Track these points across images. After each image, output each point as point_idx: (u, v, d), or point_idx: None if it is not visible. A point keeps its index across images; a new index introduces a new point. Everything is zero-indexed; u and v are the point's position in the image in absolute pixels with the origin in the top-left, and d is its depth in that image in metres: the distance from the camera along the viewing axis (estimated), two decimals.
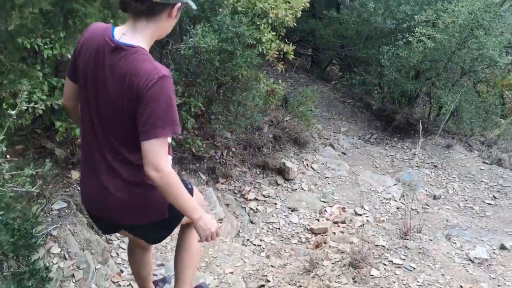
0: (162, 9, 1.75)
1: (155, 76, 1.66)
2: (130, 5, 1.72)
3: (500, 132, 7.93)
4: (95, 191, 1.93)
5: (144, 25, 1.75)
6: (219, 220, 4.10)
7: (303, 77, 9.77)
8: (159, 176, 1.69)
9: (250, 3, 4.31)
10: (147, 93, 1.66)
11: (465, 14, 6.13)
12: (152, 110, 1.66)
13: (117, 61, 1.71)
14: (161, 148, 1.69)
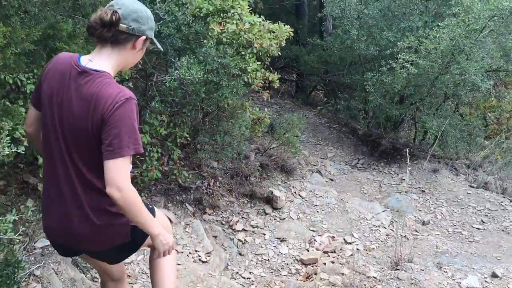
0: (127, 38, 1.85)
1: (121, 99, 1.74)
2: (96, 30, 1.81)
3: (485, 155, 8.01)
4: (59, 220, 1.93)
5: (109, 52, 1.85)
6: (207, 254, 4.02)
7: (288, 102, 9.82)
8: (121, 196, 1.73)
9: (235, 34, 4.32)
10: (112, 115, 1.73)
11: (447, 40, 6.24)
12: (119, 131, 1.73)
13: (83, 84, 1.78)
14: (125, 168, 1.75)
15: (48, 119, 1.85)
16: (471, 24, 6.15)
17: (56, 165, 1.87)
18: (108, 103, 1.73)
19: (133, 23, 1.85)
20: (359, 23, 7.54)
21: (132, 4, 1.86)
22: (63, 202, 1.88)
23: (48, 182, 1.94)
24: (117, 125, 1.73)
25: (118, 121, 1.73)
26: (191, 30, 4.04)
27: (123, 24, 1.82)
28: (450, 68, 6.47)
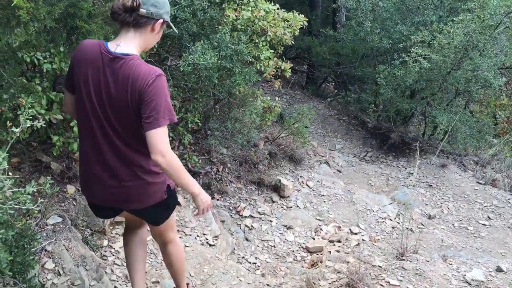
0: (146, 22, 2.06)
1: (153, 76, 1.98)
2: (120, 15, 2.03)
3: (494, 152, 7.99)
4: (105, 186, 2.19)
5: (133, 35, 2.07)
6: (215, 237, 4.07)
7: (298, 93, 9.82)
8: (165, 160, 1.97)
9: (250, 21, 4.35)
10: (147, 91, 1.96)
11: (461, 35, 6.21)
12: (155, 104, 1.96)
13: (118, 68, 2.01)
14: (165, 136, 1.99)
15: (86, 102, 2.08)
16: (486, 20, 6.11)
17: (99, 139, 2.11)
18: (143, 81, 1.96)
19: (151, 7, 2.04)
20: (373, 15, 7.52)
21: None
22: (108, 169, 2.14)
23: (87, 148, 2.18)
24: (153, 99, 1.96)
25: (153, 96, 1.97)
26: (206, 15, 4.06)
27: (143, 9, 2.02)
28: (463, 64, 6.44)
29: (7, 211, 1.65)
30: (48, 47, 3.04)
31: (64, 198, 3.62)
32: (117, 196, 2.22)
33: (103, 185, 2.20)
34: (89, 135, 2.14)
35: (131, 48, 2.05)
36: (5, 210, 1.63)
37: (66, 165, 3.78)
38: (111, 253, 3.56)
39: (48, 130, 3.55)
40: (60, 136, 3.40)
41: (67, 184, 3.70)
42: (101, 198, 2.28)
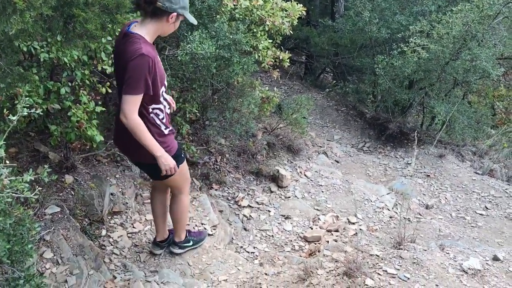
0: (162, 13, 2.55)
1: (136, 54, 2.45)
2: (140, 5, 2.55)
3: (491, 143, 8.00)
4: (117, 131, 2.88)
5: (148, 21, 2.59)
6: (213, 227, 4.08)
7: (297, 84, 9.80)
8: (127, 122, 2.53)
9: (248, 10, 4.32)
10: (128, 65, 2.47)
11: (459, 25, 6.19)
12: (129, 76, 2.48)
13: (124, 43, 2.55)
14: (131, 102, 2.50)
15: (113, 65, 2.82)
16: (485, 10, 6.10)
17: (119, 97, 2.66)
18: (128, 56, 2.47)
19: (166, 2, 2.52)
20: (371, 5, 7.49)
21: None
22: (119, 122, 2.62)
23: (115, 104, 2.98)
24: (129, 72, 2.48)
25: (130, 70, 2.47)
26: (204, 4, 4.04)
27: (159, 2, 2.50)
28: (461, 54, 6.43)
29: (4, 199, 1.65)
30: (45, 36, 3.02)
31: (63, 188, 3.62)
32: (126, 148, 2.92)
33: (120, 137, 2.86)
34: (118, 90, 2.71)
35: (142, 31, 2.57)
36: (2, 198, 1.63)
37: (64, 155, 3.78)
38: (109, 242, 3.57)
39: (46, 120, 3.55)
40: (58, 126, 3.39)
41: (65, 174, 3.70)
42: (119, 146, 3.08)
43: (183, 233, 3.49)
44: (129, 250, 3.58)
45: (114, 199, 3.83)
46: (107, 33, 3.23)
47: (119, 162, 4.19)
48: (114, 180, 3.99)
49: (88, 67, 3.40)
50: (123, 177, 4.07)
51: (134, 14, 3.55)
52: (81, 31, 2.43)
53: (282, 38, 4.97)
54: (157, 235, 3.49)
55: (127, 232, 3.72)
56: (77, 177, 3.75)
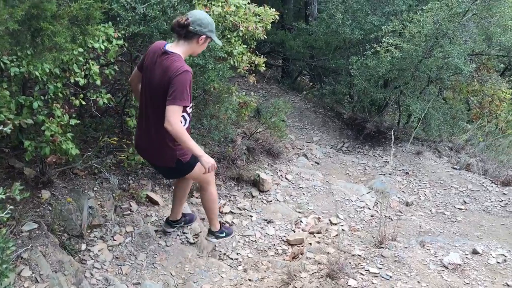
0: (193, 36, 3.06)
1: (180, 70, 2.93)
2: (175, 29, 3.05)
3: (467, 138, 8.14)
4: (143, 141, 3.30)
5: (182, 43, 3.09)
6: (195, 235, 4.05)
7: (274, 87, 9.83)
8: (173, 129, 2.89)
9: (220, 17, 4.32)
10: (173, 79, 2.91)
11: (430, 24, 6.30)
12: (175, 89, 2.90)
13: (163, 60, 3.02)
14: (176, 112, 2.90)
15: (145, 81, 3.16)
16: (454, 8, 6.21)
17: (146, 108, 3.16)
18: (173, 72, 2.93)
19: (197, 27, 3.02)
20: (344, 7, 7.56)
21: (198, 14, 3.07)
22: (147, 128, 3.17)
23: (140, 117, 3.29)
24: (175, 85, 2.90)
25: (176, 83, 2.90)
26: (176, 12, 4.02)
27: (191, 27, 3.01)
28: (434, 52, 6.54)
29: None
30: (15, 50, 2.97)
31: (39, 203, 3.56)
32: (148, 152, 3.34)
33: (144, 142, 3.29)
34: (141, 103, 3.26)
35: (177, 50, 3.06)
36: None
37: (40, 170, 3.72)
38: (90, 256, 3.52)
39: (19, 135, 3.49)
40: (32, 141, 3.34)
41: (41, 189, 3.64)
42: (141, 151, 3.44)
43: (217, 222, 3.85)
44: (110, 263, 3.53)
45: (93, 212, 3.78)
46: (78, 45, 3.20)
47: (97, 174, 4.14)
48: (92, 193, 3.93)
49: (61, 79, 3.36)
50: (101, 190, 4.02)
51: (106, 24, 3.53)
52: (50, 44, 2.39)
53: (256, 42, 4.99)
54: (171, 214, 3.89)
55: (107, 245, 3.67)
56: (54, 192, 3.69)
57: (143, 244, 3.76)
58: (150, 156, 3.38)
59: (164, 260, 3.62)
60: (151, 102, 3.10)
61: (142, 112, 3.23)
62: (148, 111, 3.14)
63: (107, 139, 4.01)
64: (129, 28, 3.79)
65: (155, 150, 3.21)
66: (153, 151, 3.27)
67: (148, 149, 3.30)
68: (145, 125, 3.20)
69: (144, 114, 3.21)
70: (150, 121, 3.15)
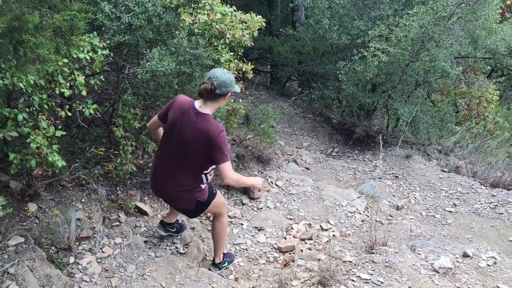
0: (220, 96, 3.26)
1: (219, 131, 3.19)
2: (204, 95, 3.21)
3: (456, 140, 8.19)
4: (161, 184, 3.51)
5: (210, 103, 3.28)
6: (185, 245, 4.02)
7: (263, 94, 9.84)
8: (233, 181, 3.30)
9: (207, 24, 4.31)
10: (216, 140, 3.17)
11: (416, 28, 6.34)
12: (221, 148, 3.17)
13: (198, 121, 3.23)
14: (229, 166, 3.22)
15: (170, 133, 3.35)
16: (439, 11, 6.26)
17: (171, 158, 3.38)
18: (213, 133, 3.17)
19: (223, 88, 3.20)
20: (330, 12, 7.59)
21: (222, 76, 3.20)
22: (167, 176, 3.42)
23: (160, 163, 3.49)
24: (220, 145, 3.17)
25: (219, 143, 3.17)
26: (162, 21, 3.99)
27: (218, 90, 3.18)
28: (420, 55, 6.58)
29: None
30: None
31: (26, 217, 3.50)
32: (167, 195, 3.59)
33: (163, 186, 3.51)
34: (166, 152, 3.43)
35: (207, 110, 3.26)
36: None
37: (26, 183, 3.66)
38: (78, 269, 3.47)
39: (5, 148, 3.44)
40: (17, 153, 3.28)
41: (28, 202, 3.58)
42: (159, 192, 3.69)
43: (222, 254, 4.02)
44: (99, 276, 3.48)
45: (81, 224, 3.73)
46: (62, 56, 3.16)
47: (85, 185, 4.09)
48: (80, 204, 3.88)
49: (46, 91, 3.31)
50: (89, 201, 3.97)
51: (91, 34, 3.50)
52: (32, 56, 2.36)
53: (244, 49, 4.98)
54: (166, 216, 4.03)
55: (96, 257, 3.62)
56: (41, 205, 3.64)
57: (133, 255, 3.72)
58: (169, 199, 3.69)
59: (154, 271, 3.58)
60: (179, 156, 3.32)
61: (164, 160, 3.45)
62: (173, 161, 3.37)
63: (94, 150, 3.97)
64: (115, 37, 3.76)
65: (175, 195, 3.49)
66: (172, 196, 3.54)
67: (168, 194, 3.57)
68: (166, 172, 3.43)
69: (165, 162, 3.44)
70: (172, 170, 3.39)
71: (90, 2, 3.73)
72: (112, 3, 3.84)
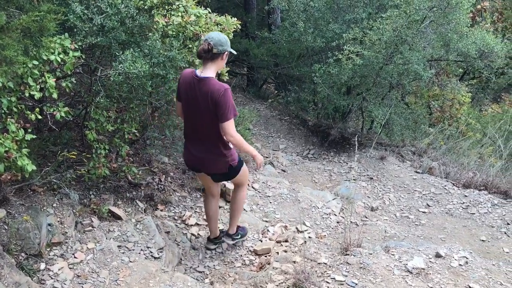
0: (217, 55, 3.49)
1: (222, 90, 3.41)
2: (202, 55, 3.49)
3: (429, 141, 8.33)
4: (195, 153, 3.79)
5: (210, 65, 3.52)
6: (160, 250, 3.97)
7: (240, 96, 9.83)
8: (234, 139, 3.54)
9: (181, 26, 4.27)
10: (220, 99, 3.41)
11: (390, 31, 6.42)
12: (225, 107, 3.41)
13: (202, 86, 3.49)
14: (232, 125, 3.49)
15: (186, 107, 3.67)
16: (412, 15, 6.35)
17: (197, 129, 3.69)
18: (216, 94, 3.40)
19: (219, 47, 3.45)
20: (305, 15, 7.63)
21: (216, 36, 3.48)
22: (199, 144, 3.73)
23: (188, 133, 3.81)
24: (222, 105, 3.41)
25: (223, 102, 3.40)
26: (135, 23, 3.95)
27: (215, 49, 3.44)
28: (394, 58, 6.66)
29: None
30: None
31: None
32: (203, 163, 3.82)
33: (194, 154, 3.79)
34: (190, 124, 3.73)
35: (209, 73, 3.50)
36: None
37: None
38: (49, 276, 3.39)
39: None
40: None
41: None
42: (191, 161, 3.91)
43: (235, 226, 4.39)
44: (71, 282, 3.41)
45: (52, 229, 3.65)
46: (32, 58, 3.09)
47: (56, 190, 4.01)
48: (52, 209, 3.80)
49: (15, 93, 3.24)
50: (61, 206, 3.89)
51: (62, 36, 3.43)
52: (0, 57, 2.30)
53: None
54: (210, 234, 4.40)
55: (68, 263, 3.55)
56: (10, 210, 3.55)
57: (106, 260, 3.66)
58: (205, 166, 3.86)
59: (128, 276, 3.53)
60: (202, 123, 3.60)
61: (192, 132, 3.75)
62: (198, 132, 3.69)
63: (66, 153, 3.89)
64: (87, 39, 3.70)
65: (211, 160, 3.75)
66: (208, 162, 3.78)
67: (204, 161, 3.78)
68: (199, 142, 3.72)
69: (195, 133, 3.73)
70: (203, 138, 3.67)
71: (61, 3, 3.67)
72: (84, 4, 3.78)
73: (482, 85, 14.68)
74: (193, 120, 3.65)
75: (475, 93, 14.34)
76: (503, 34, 11.85)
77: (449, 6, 6.51)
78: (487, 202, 5.89)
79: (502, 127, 9.20)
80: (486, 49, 7.21)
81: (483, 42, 7.13)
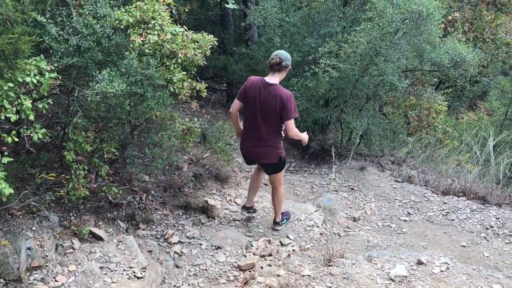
0: (284, 68, 4.45)
1: (289, 95, 4.33)
2: (275, 67, 4.40)
3: (408, 150, 8.46)
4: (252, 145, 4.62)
5: (277, 74, 4.45)
6: (143, 269, 3.94)
7: (220, 112, 9.85)
8: (294, 134, 4.48)
9: (158, 44, 4.30)
10: (287, 103, 4.29)
11: (364, 43, 6.55)
12: (290, 109, 4.31)
13: (270, 91, 4.38)
14: (293, 122, 4.41)
15: (253, 106, 4.46)
16: (385, 27, 6.49)
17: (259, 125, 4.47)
18: (284, 97, 4.31)
19: (287, 62, 4.42)
20: (281, 30, 7.72)
21: (284, 53, 4.43)
22: (257, 138, 4.55)
23: (249, 129, 4.58)
24: (288, 106, 4.30)
25: (288, 105, 4.30)
26: (111, 42, 3.97)
27: (283, 63, 4.40)
28: (369, 70, 6.78)
29: None
30: None
31: None
32: (258, 153, 4.64)
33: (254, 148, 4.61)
34: (252, 121, 4.51)
35: (276, 81, 4.43)
36: None
37: None
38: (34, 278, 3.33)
39: None
40: None
41: None
42: (249, 153, 4.73)
43: (280, 214, 5.10)
44: None
45: (32, 253, 3.59)
46: (7, 80, 3.07)
47: (35, 213, 3.95)
48: (31, 233, 3.75)
49: None
50: (41, 229, 3.84)
51: (38, 58, 3.42)
52: None
53: (198, 68, 4.99)
54: (247, 202, 5.23)
55: (49, 287, 3.49)
56: None
57: (88, 282, 3.61)
58: (261, 157, 4.68)
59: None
60: (265, 120, 4.44)
61: (251, 128, 4.56)
62: (259, 126, 4.47)
63: (44, 175, 3.85)
64: (63, 60, 3.70)
65: (266, 152, 4.58)
66: (264, 153, 4.60)
67: (260, 153, 4.62)
68: (255, 137, 4.55)
69: (255, 129, 4.52)
70: (262, 133, 4.49)
71: (36, 24, 3.66)
72: (59, 25, 3.78)
73: (458, 93, 15.01)
74: (258, 117, 4.44)
75: (451, 102, 14.62)
76: (474, 43, 12.18)
77: (421, 18, 6.67)
78: (466, 208, 5.99)
79: (478, 133, 9.40)
80: (459, 58, 7.40)
81: (455, 51, 7.32)
